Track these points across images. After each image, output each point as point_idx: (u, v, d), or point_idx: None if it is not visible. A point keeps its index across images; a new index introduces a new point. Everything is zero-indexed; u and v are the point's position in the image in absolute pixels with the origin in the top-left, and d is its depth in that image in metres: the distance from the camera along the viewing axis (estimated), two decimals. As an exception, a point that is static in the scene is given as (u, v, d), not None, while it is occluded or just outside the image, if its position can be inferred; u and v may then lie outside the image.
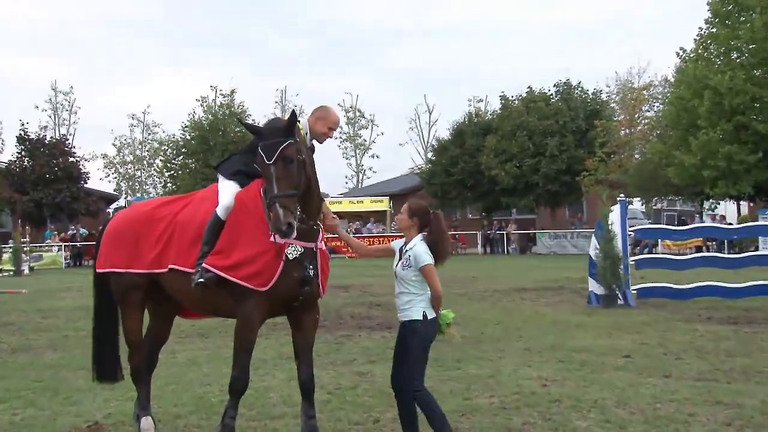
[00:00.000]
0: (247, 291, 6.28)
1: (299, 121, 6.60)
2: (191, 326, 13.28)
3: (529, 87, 49.20)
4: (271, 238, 6.21)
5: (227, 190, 6.69)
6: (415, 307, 6.31)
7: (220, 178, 6.92)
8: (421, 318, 6.28)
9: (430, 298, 6.34)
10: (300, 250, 6.28)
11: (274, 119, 6.54)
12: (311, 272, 6.40)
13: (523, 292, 19.93)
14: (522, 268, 29.78)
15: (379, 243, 29.97)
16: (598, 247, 16.80)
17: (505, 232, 47.32)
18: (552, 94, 48.27)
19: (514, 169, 45.68)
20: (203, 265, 6.40)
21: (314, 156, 6.66)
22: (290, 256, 6.26)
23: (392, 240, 6.93)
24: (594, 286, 16.86)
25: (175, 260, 6.75)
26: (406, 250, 6.41)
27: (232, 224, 6.48)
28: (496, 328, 13.35)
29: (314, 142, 6.83)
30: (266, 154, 6.02)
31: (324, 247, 6.72)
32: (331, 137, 6.99)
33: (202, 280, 6.36)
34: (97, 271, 7.40)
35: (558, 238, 44.02)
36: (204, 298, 6.63)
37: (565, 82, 48.32)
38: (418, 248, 6.34)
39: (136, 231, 7.09)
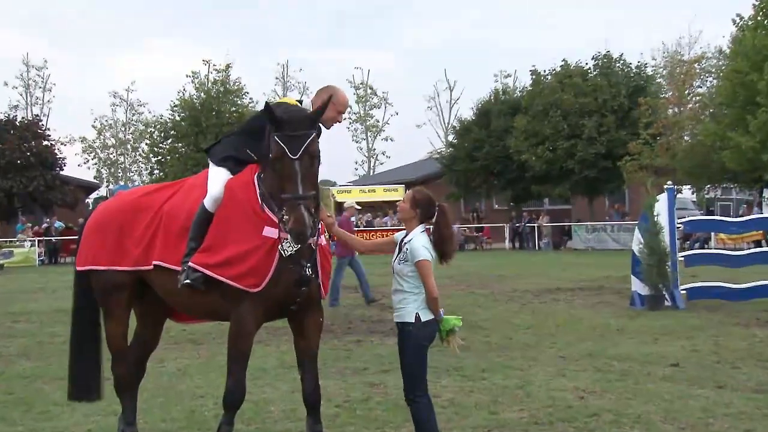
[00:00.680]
0: (239, 292, 6.31)
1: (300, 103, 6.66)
2: (182, 331, 13.35)
3: (563, 60, 48.96)
4: (265, 232, 6.25)
5: (216, 179, 6.72)
6: (408, 308, 6.34)
7: (210, 164, 6.95)
8: (414, 320, 6.31)
9: (424, 298, 6.37)
10: (296, 246, 6.27)
11: (293, 108, 6.49)
12: (309, 271, 6.42)
13: (556, 292, 19.93)
14: (555, 266, 29.75)
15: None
16: (642, 241, 16.76)
17: (536, 225, 47.23)
18: (590, 69, 48.01)
19: (546, 153, 45.51)
20: (189, 263, 6.44)
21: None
22: (285, 253, 6.27)
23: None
24: (638, 286, 16.83)
25: (161, 256, 6.78)
26: (405, 243, 6.43)
27: (221, 217, 6.52)
28: (526, 333, 13.36)
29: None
30: (290, 147, 5.99)
31: (324, 242, 6.74)
32: (340, 122, 6.99)
33: (188, 281, 6.41)
34: (77, 268, 7.44)
35: (596, 232, 43.86)
36: (193, 300, 6.67)
37: (604, 55, 48.05)
38: (417, 241, 6.36)
39: (120, 223, 7.11)
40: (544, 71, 49.77)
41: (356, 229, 45.03)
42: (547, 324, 14.41)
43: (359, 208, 21.82)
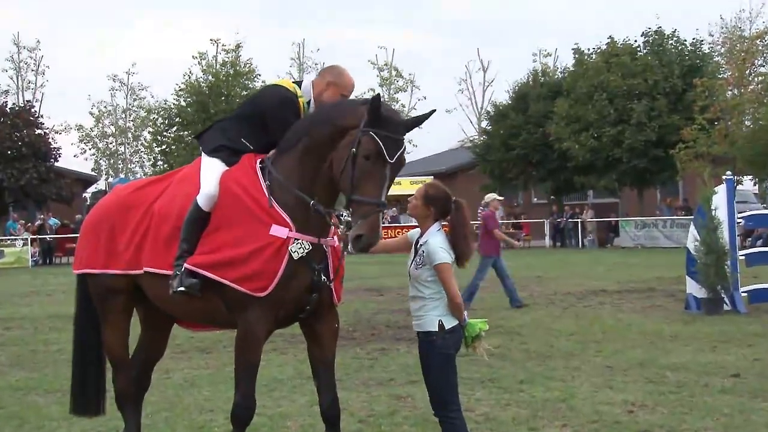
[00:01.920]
0: (244, 297, 6.30)
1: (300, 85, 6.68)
2: (190, 338, 13.41)
3: (609, 37, 48.77)
4: (272, 231, 6.25)
5: (210, 172, 6.69)
6: (429, 315, 6.32)
7: (203, 155, 6.95)
8: (437, 329, 6.29)
9: (447, 303, 6.35)
10: (307, 247, 6.29)
11: (393, 109, 6.54)
12: (321, 275, 6.43)
13: (602, 295, 19.89)
14: (601, 265, 29.67)
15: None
16: (698, 238, 16.68)
17: (579, 221, 47.11)
18: (639, 47, 47.83)
19: (590, 140, 45.37)
20: (185, 265, 6.43)
21: None
22: (295, 255, 6.26)
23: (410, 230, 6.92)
24: (693, 288, 16.76)
25: (150, 261, 6.79)
26: (420, 245, 6.40)
27: (219, 215, 6.50)
28: (569, 341, 13.34)
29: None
30: (387, 148, 6.01)
31: (336, 243, 6.74)
32: None
33: (182, 288, 6.40)
34: (74, 271, 7.52)
35: (646, 228, 43.72)
36: (190, 307, 6.68)
37: (656, 31, 47.83)
38: (434, 242, 6.33)
39: (112, 222, 7.16)
40: (588, 50, 49.66)
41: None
42: (591, 330, 14.38)
43: (501, 198, 21.55)
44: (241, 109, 7.45)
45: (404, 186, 52.38)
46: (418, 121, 6.36)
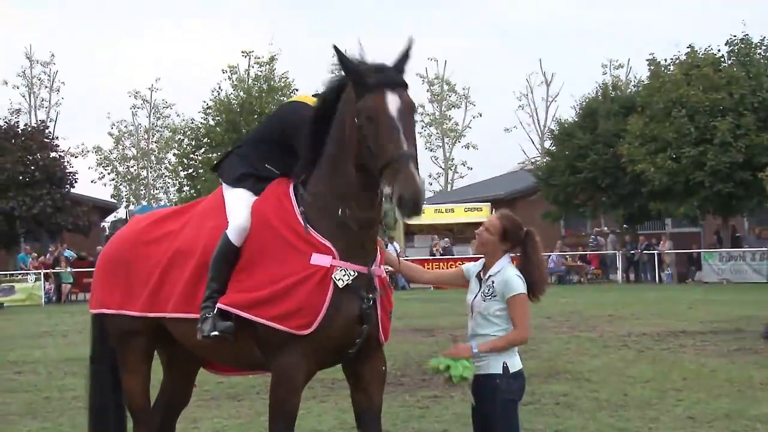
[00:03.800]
0: (282, 337, 6.30)
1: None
2: (219, 384, 13.45)
3: (689, 46, 48.59)
4: (313, 260, 6.24)
5: (238, 204, 6.74)
6: (493, 356, 6.32)
7: (224, 186, 7.00)
8: (501, 372, 6.30)
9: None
10: (353, 274, 6.30)
11: (371, 62, 6.40)
12: (370, 305, 6.43)
13: (682, 336, 19.73)
14: (681, 303, 29.42)
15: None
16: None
17: (655, 252, 46.83)
18: (723, 57, 47.63)
19: (668, 162, 45.14)
20: (218, 305, 6.44)
21: None
22: (340, 284, 6.27)
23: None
24: (786, 329, 16.62)
25: (175, 304, 6.83)
26: (489, 276, 6.42)
27: (253, 248, 6.53)
28: (645, 388, 13.25)
29: None
30: (390, 100, 6.03)
31: (384, 274, 6.74)
32: None
33: (215, 333, 6.40)
34: (90, 311, 7.59)
35: (733, 260, 43.39)
36: (221, 350, 6.70)
37: (741, 39, 47.61)
38: (508, 272, 6.39)
39: (128, 258, 7.25)
40: (665, 60, 49.46)
41: (431, 258, 45.24)
42: (671, 376, 14.27)
43: None
44: (258, 132, 7.51)
45: (458, 214, 52.50)
46: (404, 57, 6.33)
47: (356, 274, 6.31)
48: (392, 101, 6.00)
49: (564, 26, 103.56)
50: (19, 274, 44.96)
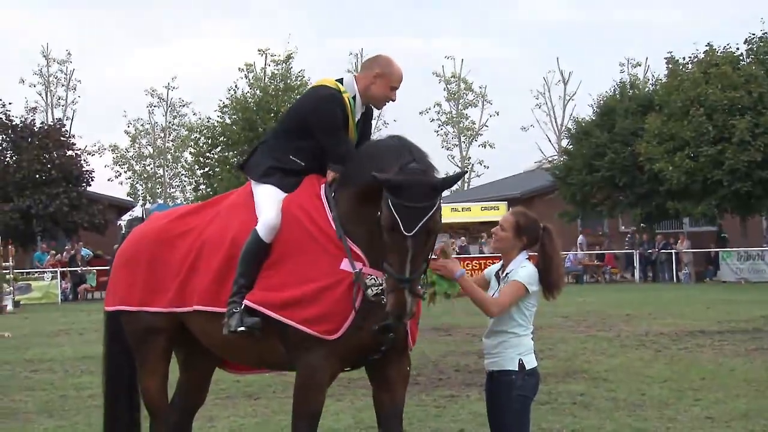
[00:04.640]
0: (309, 339, 6.32)
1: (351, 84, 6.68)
2: (236, 383, 13.46)
3: (708, 44, 48.45)
4: (343, 266, 6.27)
5: (267, 200, 6.74)
6: (508, 352, 6.36)
7: (252, 182, 6.99)
8: (517, 368, 6.30)
9: (528, 341, 6.41)
10: (383, 283, 6.27)
11: (414, 169, 6.14)
12: None
13: (700, 336, 19.68)
14: (699, 303, 29.35)
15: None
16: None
17: (673, 252, 46.72)
18: (742, 55, 47.48)
19: (686, 161, 45.03)
20: (245, 302, 6.45)
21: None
22: (369, 293, 6.27)
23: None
24: (805, 329, 16.58)
25: (201, 298, 6.83)
26: (507, 274, 6.43)
27: (283, 247, 6.54)
28: (663, 388, 13.22)
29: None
30: (405, 220, 5.89)
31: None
32: (393, 100, 6.98)
33: (243, 327, 6.40)
34: (106, 309, 7.58)
35: (751, 260, 43.27)
36: (244, 347, 6.72)
37: (760, 37, 47.47)
38: (525, 264, 6.41)
39: (151, 254, 7.23)
40: (683, 59, 49.32)
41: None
42: (688, 376, 14.23)
43: None
44: (282, 123, 7.48)
45: (474, 213, 52.46)
46: (447, 183, 6.27)
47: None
48: (412, 226, 5.86)
49: (581, 24, 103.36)
50: (36, 272, 45.07)
